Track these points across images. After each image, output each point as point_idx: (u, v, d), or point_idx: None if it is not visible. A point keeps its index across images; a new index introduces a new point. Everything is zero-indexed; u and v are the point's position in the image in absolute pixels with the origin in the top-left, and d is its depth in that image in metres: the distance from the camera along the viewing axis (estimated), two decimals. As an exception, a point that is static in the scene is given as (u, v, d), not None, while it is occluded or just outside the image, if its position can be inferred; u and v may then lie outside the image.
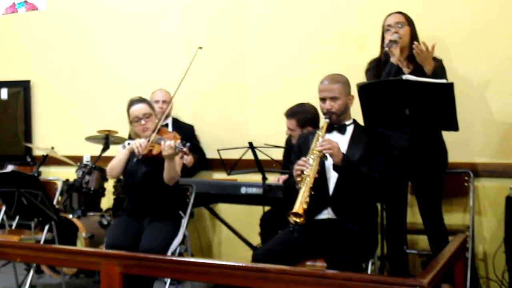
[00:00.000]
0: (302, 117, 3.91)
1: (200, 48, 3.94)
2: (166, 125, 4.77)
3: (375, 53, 3.80)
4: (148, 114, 3.63)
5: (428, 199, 3.64)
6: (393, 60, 3.54)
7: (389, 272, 3.73)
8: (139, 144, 3.49)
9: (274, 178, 3.93)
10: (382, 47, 3.68)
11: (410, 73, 3.33)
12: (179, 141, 3.41)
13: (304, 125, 3.90)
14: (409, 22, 3.67)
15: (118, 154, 3.73)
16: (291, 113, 3.95)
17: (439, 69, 3.53)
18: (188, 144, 3.38)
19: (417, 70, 3.46)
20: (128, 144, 3.71)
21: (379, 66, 3.68)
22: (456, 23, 4.14)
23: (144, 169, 3.62)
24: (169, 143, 3.37)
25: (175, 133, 3.68)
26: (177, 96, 4.09)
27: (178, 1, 5.16)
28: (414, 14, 3.76)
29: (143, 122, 3.61)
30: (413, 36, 3.63)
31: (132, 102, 3.69)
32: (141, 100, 3.71)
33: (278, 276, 2.22)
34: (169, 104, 4.55)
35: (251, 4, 4.87)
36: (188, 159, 4.60)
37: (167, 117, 4.77)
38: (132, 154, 3.66)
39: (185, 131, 4.64)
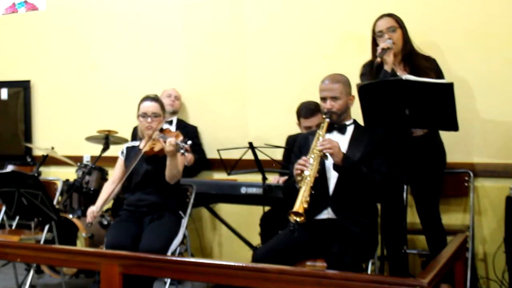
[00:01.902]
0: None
1: None
2: (171, 122, 4.79)
3: (375, 53, 3.79)
4: (157, 114, 3.64)
5: (426, 200, 3.63)
6: (386, 68, 3.45)
7: (389, 272, 3.73)
8: (91, 211, 3.57)
9: (273, 179, 3.93)
10: (374, 51, 3.59)
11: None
12: (181, 137, 3.44)
13: None
14: (400, 24, 3.59)
15: (118, 161, 3.78)
16: (315, 110, 3.89)
17: (434, 69, 3.51)
18: (189, 142, 3.40)
19: (413, 71, 3.42)
20: (127, 148, 3.79)
21: (372, 71, 3.59)
22: (455, 23, 4.13)
23: (145, 167, 3.64)
24: (170, 139, 3.40)
25: (178, 132, 3.69)
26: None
27: (178, 1, 5.16)
28: (413, 14, 3.76)
29: (149, 120, 3.62)
30: (405, 38, 3.59)
31: (145, 98, 3.71)
32: (155, 99, 3.73)
33: (278, 276, 2.22)
34: (179, 102, 4.59)
35: (250, 4, 4.87)
36: (189, 157, 4.61)
37: (174, 113, 4.80)
38: (131, 152, 3.71)
39: (189, 132, 4.65)
